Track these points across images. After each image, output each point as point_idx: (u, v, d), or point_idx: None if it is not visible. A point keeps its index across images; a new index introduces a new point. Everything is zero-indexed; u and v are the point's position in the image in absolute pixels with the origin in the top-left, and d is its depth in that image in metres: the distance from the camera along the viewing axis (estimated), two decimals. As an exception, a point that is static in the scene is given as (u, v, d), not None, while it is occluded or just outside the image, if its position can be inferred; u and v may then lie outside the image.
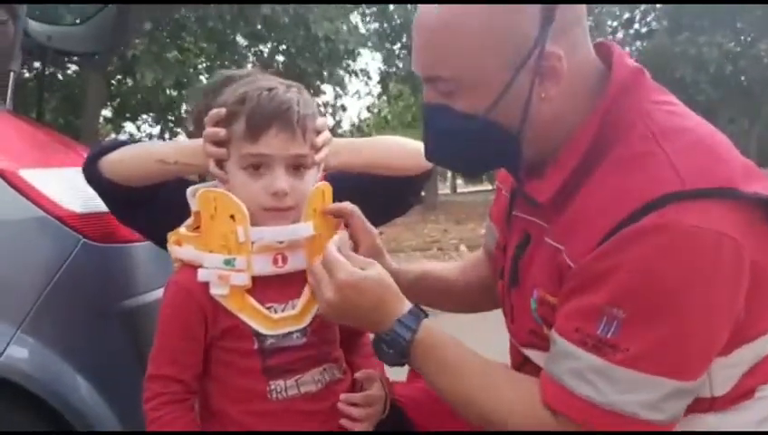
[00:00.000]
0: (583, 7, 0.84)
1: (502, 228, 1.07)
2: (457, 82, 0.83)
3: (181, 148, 1.19)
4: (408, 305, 0.90)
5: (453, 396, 0.88)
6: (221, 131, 1.02)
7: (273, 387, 1.01)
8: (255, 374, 1.01)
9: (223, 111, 1.02)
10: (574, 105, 0.84)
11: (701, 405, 0.81)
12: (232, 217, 0.97)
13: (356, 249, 1.06)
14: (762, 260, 0.75)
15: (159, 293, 1.14)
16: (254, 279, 0.99)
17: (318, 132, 1.06)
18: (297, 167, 1.01)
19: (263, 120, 0.98)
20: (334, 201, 1.06)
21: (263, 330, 1.00)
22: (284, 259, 1.00)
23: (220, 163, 1.04)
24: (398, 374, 1.08)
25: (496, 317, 1.10)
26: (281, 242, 1.00)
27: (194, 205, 1.04)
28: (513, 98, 0.81)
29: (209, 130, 1.04)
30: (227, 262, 0.97)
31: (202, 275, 0.98)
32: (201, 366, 1.03)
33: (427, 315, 0.91)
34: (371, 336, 0.92)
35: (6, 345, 1.28)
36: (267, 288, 1.01)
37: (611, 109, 0.82)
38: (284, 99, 0.99)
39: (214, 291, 0.98)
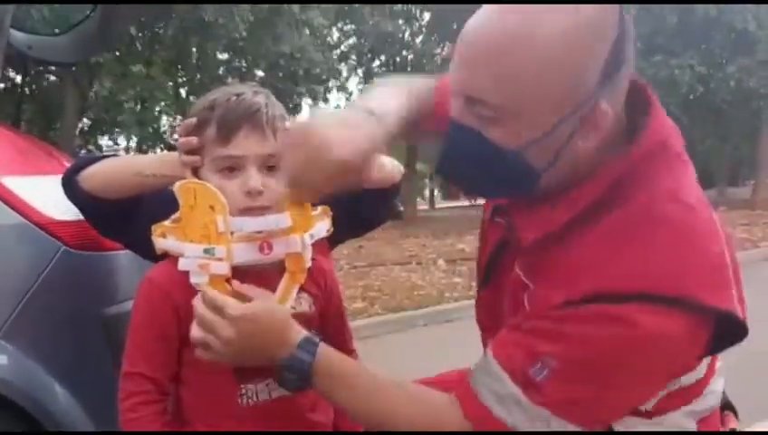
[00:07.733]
0: (632, 54, 0.79)
1: None
2: (500, 112, 0.76)
3: (157, 160, 1.20)
4: (303, 332, 0.91)
5: (363, 409, 0.90)
6: (193, 139, 1.05)
7: (244, 391, 1.03)
8: (227, 375, 1.02)
9: (194, 120, 1.05)
10: (594, 152, 0.80)
11: (635, 411, 0.85)
12: (211, 207, 0.98)
13: None
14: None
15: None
16: (233, 273, 1.00)
17: None
18: (270, 167, 1.03)
19: (232, 122, 1.01)
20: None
21: None
22: (270, 247, 1.01)
23: (196, 171, 1.06)
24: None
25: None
26: (259, 232, 1.01)
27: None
28: (551, 142, 0.77)
29: (182, 139, 1.06)
30: (207, 251, 0.98)
31: (182, 264, 0.99)
32: (175, 366, 1.03)
33: (321, 340, 0.92)
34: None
35: (-16, 352, 1.27)
36: (244, 283, 1.00)
37: (625, 175, 0.79)
38: (253, 102, 1.03)
39: (194, 280, 0.99)
